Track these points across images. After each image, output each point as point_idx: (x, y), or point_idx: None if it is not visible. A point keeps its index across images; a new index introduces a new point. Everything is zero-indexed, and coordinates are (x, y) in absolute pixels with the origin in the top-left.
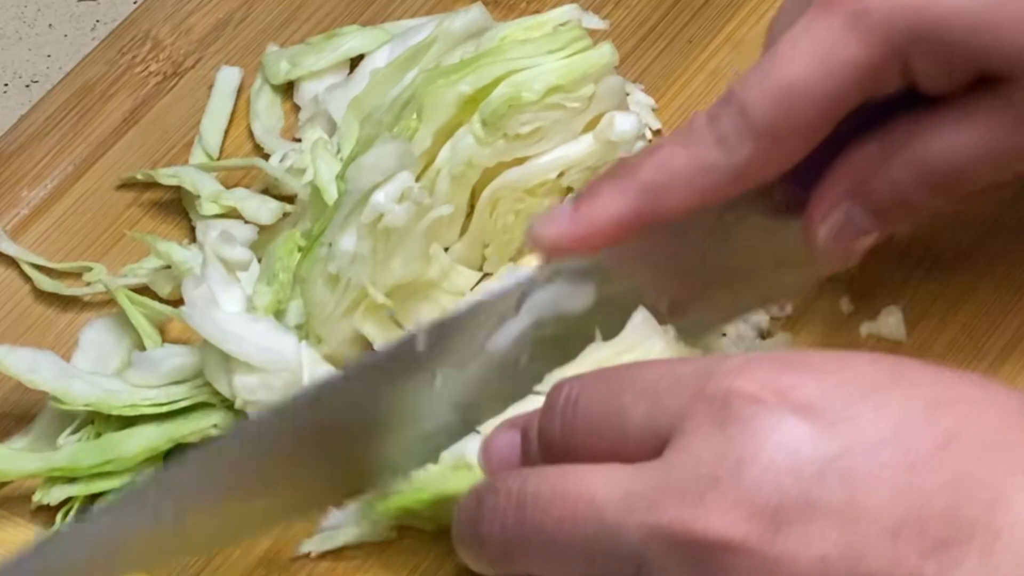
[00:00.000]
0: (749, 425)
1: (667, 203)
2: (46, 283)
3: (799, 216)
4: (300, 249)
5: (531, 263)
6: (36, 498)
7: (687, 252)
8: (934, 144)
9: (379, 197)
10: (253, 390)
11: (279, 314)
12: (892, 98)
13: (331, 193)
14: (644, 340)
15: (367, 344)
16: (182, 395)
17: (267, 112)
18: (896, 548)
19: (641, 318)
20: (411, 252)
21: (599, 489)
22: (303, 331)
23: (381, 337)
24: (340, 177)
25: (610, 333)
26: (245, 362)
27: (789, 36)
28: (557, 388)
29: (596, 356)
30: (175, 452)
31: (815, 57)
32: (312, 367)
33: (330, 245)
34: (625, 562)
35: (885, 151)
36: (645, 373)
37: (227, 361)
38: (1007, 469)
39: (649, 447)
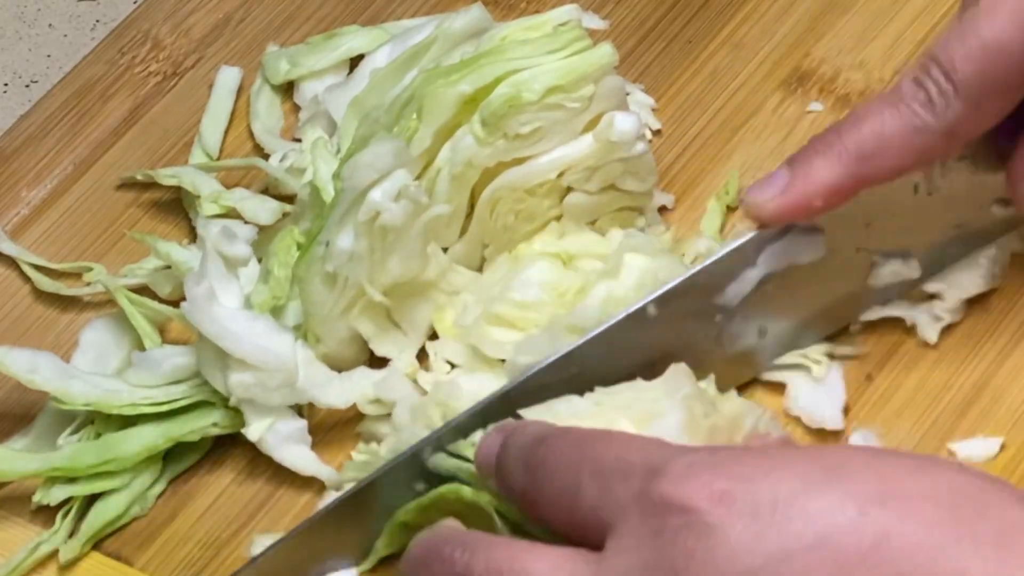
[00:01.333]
0: (679, 537)
1: (882, 168)
2: (46, 283)
3: (1003, 167)
4: (299, 246)
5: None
6: (36, 498)
7: (897, 206)
8: None
9: (376, 195)
10: (248, 388)
11: (276, 311)
12: None
13: (330, 192)
14: (670, 394)
15: (365, 343)
16: (181, 394)
17: (267, 112)
18: None
19: (673, 371)
20: (408, 251)
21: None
22: (301, 331)
23: (378, 336)
24: (336, 176)
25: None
26: (241, 360)
27: None
28: (534, 441)
29: (614, 400)
30: (174, 451)
31: (1017, 16)
32: (307, 367)
33: (327, 244)
34: None
35: None
36: (604, 451)
37: (223, 358)
38: (942, 568)
39: (594, 532)
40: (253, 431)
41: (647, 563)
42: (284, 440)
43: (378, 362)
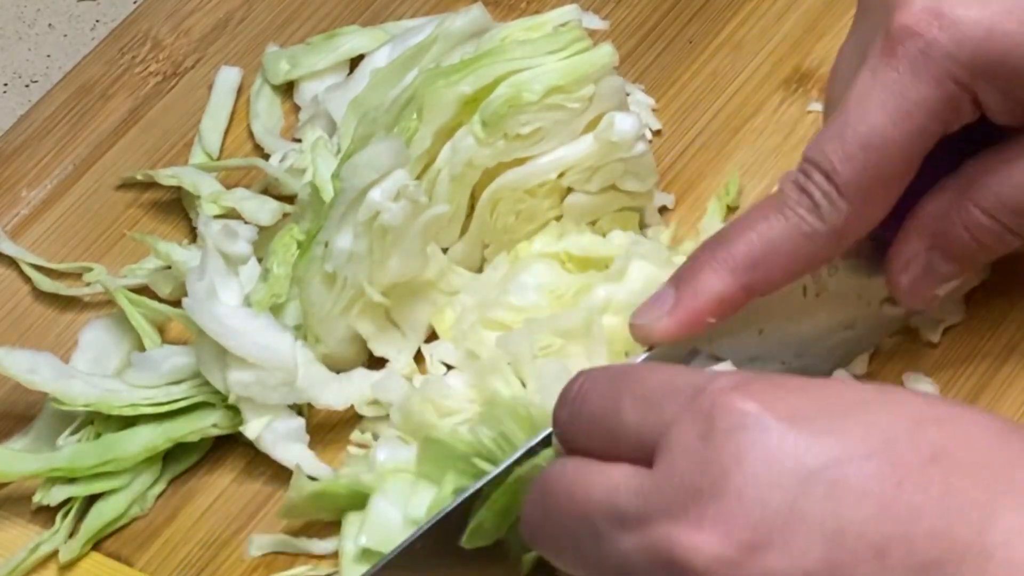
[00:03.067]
0: (732, 436)
1: (771, 276)
2: (46, 283)
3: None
4: (299, 244)
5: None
6: (36, 499)
7: (787, 310)
8: (1008, 181)
9: (375, 195)
10: (247, 386)
11: (276, 310)
12: (964, 136)
13: (330, 192)
14: None
15: (365, 343)
16: (181, 395)
17: (267, 112)
18: (883, 567)
19: None
20: (408, 250)
21: (597, 494)
22: (300, 331)
23: (376, 336)
24: (335, 176)
25: None
26: (241, 358)
27: (856, 91)
28: (573, 379)
29: None
30: (174, 451)
31: (888, 104)
32: (306, 367)
33: (326, 244)
34: (614, 571)
35: (959, 196)
36: (646, 378)
37: (223, 355)
38: (998, 488)
39: (640, 453)
40: (251, 429)
41: (696, 466)
42: (282, 438)
43: (378, 363)
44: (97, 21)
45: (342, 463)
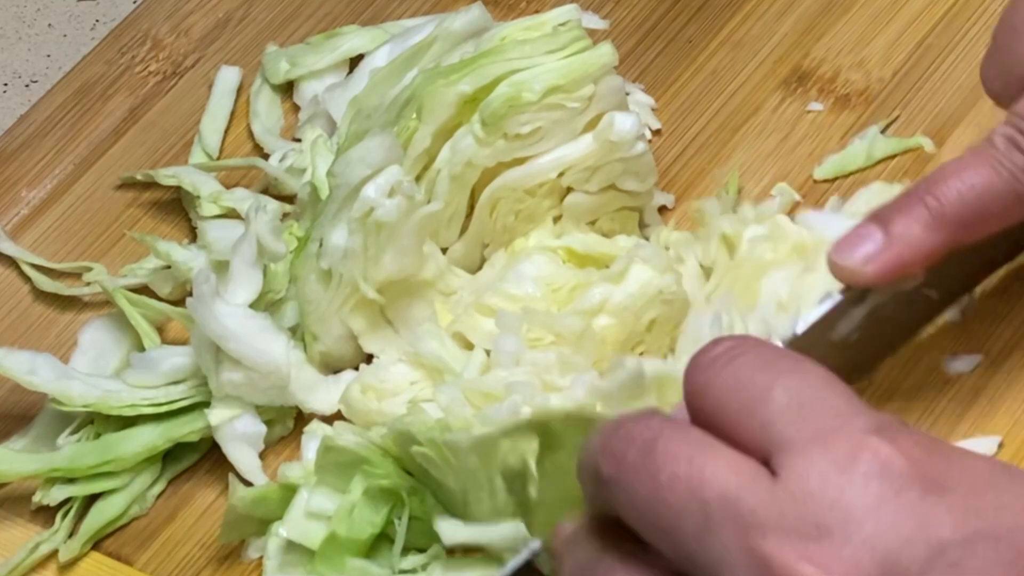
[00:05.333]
0: (873, 482)
1: (979, 232)
2: (46, 283)
3: None
4: (299, 240)
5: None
6: (36, 498)
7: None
8: None
9: (369, 191)
10: (237, 386)
11: (275, 307)
12: None
13: (327, 190)
14: None
15: None
16: (181, 395)
17: (267, 112)
18: None
19: None
20: (402, 247)
21: (720, 480)
22: (298, 331)
23: (368, 333)
24: (329, 172)
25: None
26: (236, 359)
27: None
28: (720, 340)
29: None
30: (174, 451)
31: None
32: (297, 370)
33: (321, 241)
34: (706, 562)
35: None
36: (807, 374)
37: (217, 351)
38: None
39: (765, 445)
40: (215, 415)
41: (831, 500)
42: (238, 438)
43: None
44: (97, 21)
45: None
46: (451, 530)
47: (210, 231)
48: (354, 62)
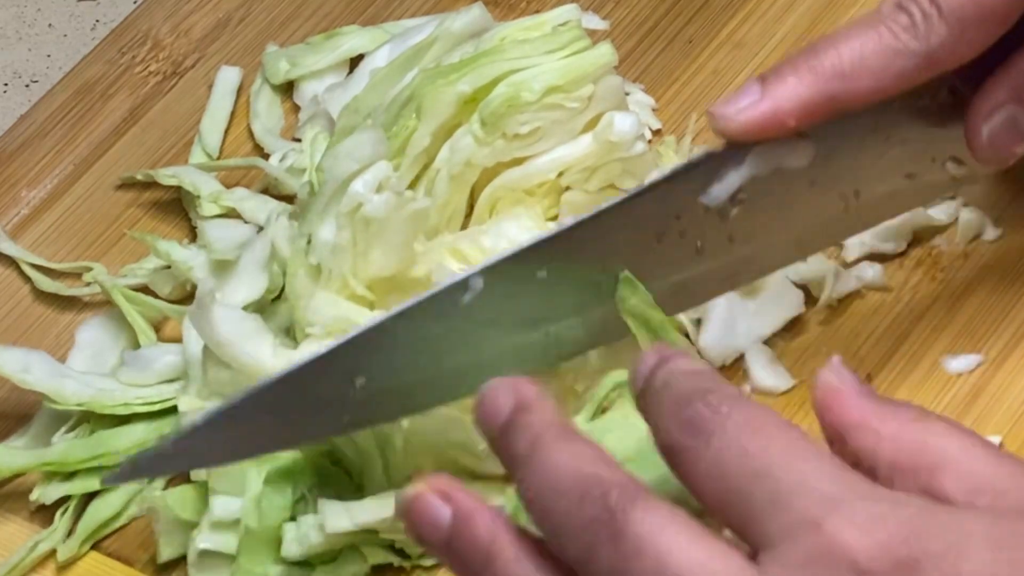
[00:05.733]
0: None
1: (857, 89)
2: (46, 283)
3: (961, 115)
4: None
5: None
6: (33, 496)
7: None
8: None
9: (357, 186)
10: (223, 384)
11: (271, 305)
12: None
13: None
14: None
15: None
16: (174, 394)
17: (267, 112)
18: None
19: None
20: (391, 243)
21: (691, 569)
22: (290, 331)
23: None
24: (318, 168)
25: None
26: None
27: None
28: (705, 402)
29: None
30: None
31: None
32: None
33: (309, 237)
34: None
35: None
36: (796, 454)
37: (206, 349)
38: None
39: (750, 527)
40: (184, 403)
41: None
42: None
43: None
44: (97, 21)
45: None
46: (335, 518)
47: (210, 231)
48: (354, 62)
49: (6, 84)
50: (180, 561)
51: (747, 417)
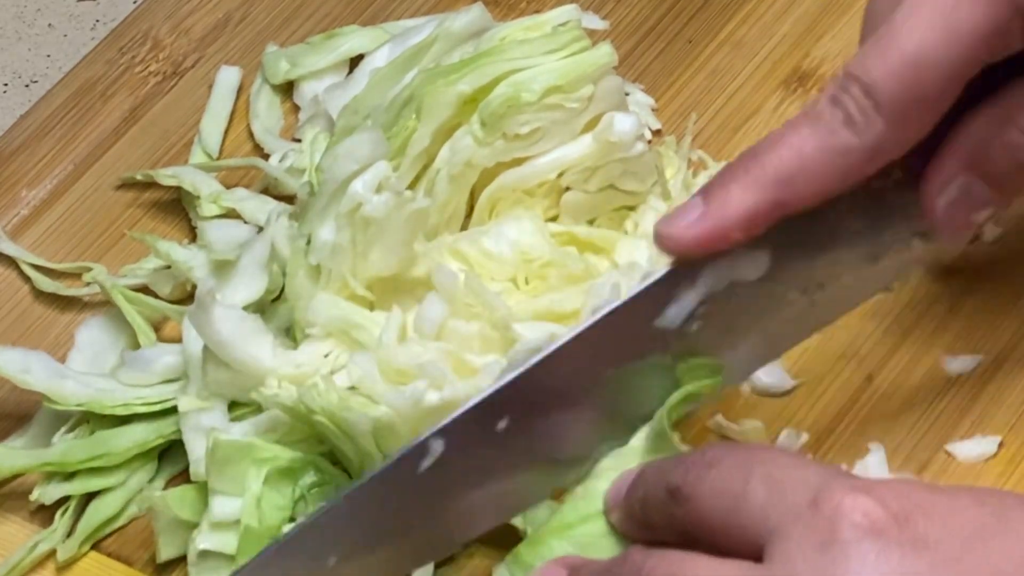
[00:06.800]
0: (852, 551)
1: (802, 192)
2: (46, 283)
3: (917, 190)
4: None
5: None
6: (33, 496)
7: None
8: None
9: (357, 186)
10: (222, 385)
11: (271, 305)
12: (1007, 63)
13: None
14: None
15: None
16: (174, 394)
17: (267, 112)
18: None
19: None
20: (391, 243)
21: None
22: (290, 331)
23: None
24: (317, 168)
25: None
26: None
27: (904, 8)
28: (702, 450)
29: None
30: (171, 450)
31: (937, 24)
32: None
33: (309, 237)
34: None
35: (1001, 118)
36: (777, 458)
37: (206, 350)
38: None
39: (753, 535)
40: (184, 402)
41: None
42: (201, 429)
43: None
44: (97, 21)
45: None
46: None
47: (210, 231)
48: (354, 62)
49: (6, 84)
50: (180, 561)
51: (735, 448)
